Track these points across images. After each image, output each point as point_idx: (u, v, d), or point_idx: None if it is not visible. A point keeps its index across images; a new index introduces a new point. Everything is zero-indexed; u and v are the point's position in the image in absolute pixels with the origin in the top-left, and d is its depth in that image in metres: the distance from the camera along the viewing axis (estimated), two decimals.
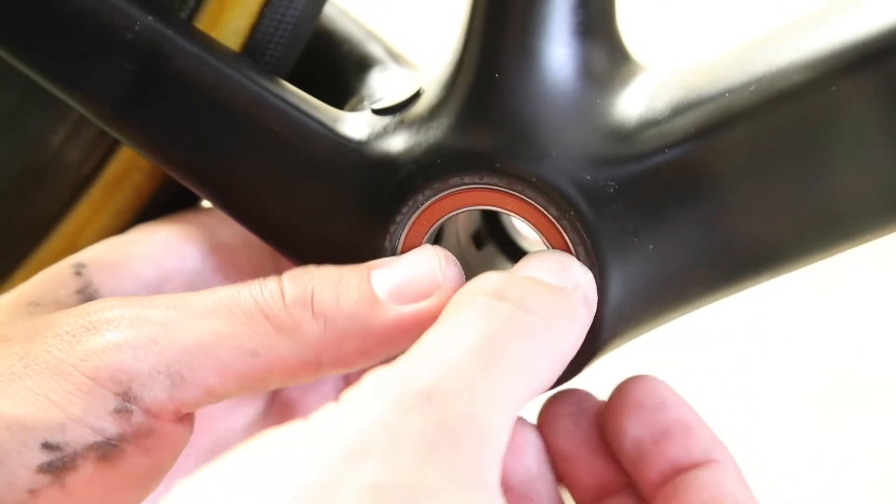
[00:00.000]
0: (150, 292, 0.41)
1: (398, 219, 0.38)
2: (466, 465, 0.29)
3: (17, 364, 0.36)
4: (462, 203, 0.38)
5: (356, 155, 0.39)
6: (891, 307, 0.99)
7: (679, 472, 0.38)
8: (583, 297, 0.36)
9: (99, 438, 0.36)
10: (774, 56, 0.36)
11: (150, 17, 0.39)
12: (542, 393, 0.34)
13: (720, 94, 0.36)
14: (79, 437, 0.35)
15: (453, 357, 0.31)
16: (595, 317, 0.37)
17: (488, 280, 0.35)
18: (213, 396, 0.37)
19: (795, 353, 0.95)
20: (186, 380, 0.36)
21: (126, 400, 0.36)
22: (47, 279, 0.40)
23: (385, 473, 0.27)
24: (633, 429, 0.39)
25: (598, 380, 0.41)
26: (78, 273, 0.40)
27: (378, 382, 0.30)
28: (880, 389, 0.91)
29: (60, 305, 0.39)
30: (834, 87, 0.35)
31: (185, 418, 0.37)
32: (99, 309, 0.37)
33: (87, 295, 0.39)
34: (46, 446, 0.35)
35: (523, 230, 0.45)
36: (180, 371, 0.36)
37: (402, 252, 0.39)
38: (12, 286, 0.42)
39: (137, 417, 0.36)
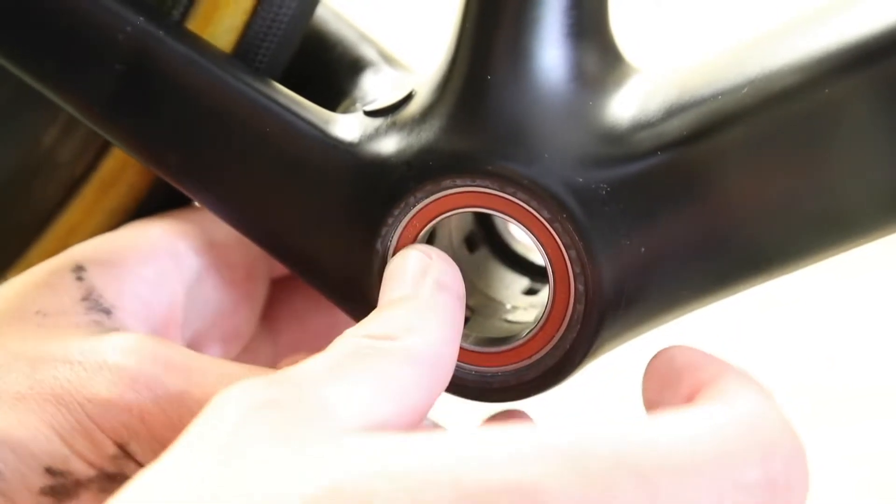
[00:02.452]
0: (150, 291, 0.41)
1: (390, 221, 0.38)
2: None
3: (22, 383, 0.36)
4: (454, 205, 0.38)
5: (348, 157, 0.39)
6: (860, 315, 0.99)
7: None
8: (435, 285, 0.35)
9: (99, 473, 0.36)
10: (768, 58, 0.36)
11: (142, 19, 0.39)
12: (428, 401, 0.33)
13: (713, 97, 0.36)
14: (81, 469, 0.36)
15: (307, 368, 0.31)
16: (588, 318, 0.37)
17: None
18: None
19: (767, 363, 0.95)
20: None
21: (124, 453, 0.36)
22: (48, 285, 0.40)
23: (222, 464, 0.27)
24: (656, 377, 0.35)
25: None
26: (79, 278, 0.40)
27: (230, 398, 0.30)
28: (854, 397, 0.91)
29: (67, 315, 0.39)
30: (827, 90, 0.35)
31: None
32: (116, 349, 0.37)
33: (91, 302, 0.39)
34: (50, 471, 0.35)
35: (516, 232, 0.45)
36: None
37: (395, 254, 0.39)
38: None
39: (133, 467, 0.36)
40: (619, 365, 0.42)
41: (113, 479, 0.36)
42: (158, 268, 0.41)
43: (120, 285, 0.40)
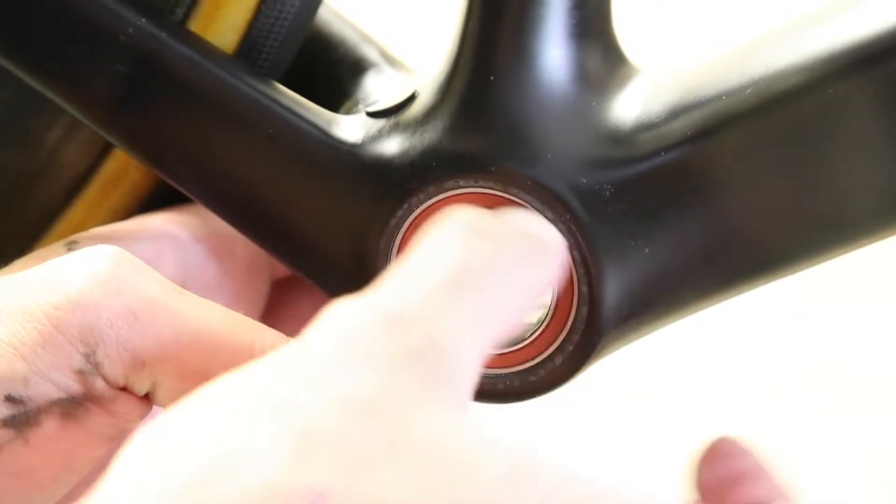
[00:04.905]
0: None
1: (393, 222, 0.38)
2: (434, 381, 0.28)
3: None
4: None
5: (351, 158, 0.39)
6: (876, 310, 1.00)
7: None
8: (557, 250, 0.34)
9: (63, 395, 0.34)
10: (771, 58, 0.36)
11: (144, 20, 0.39)
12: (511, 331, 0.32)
13: (717, 97, 0.36)
14: (42, 392, 0.34)
15: (427, 285, 0.29)
16: (592, 319, 0.37)
17: (469, 214, 0.32)
18: (159, 391, 0.36)
19: (786, 353, 0.95)
20: (146, 369, 0.35)
21: (91, 364, 0.35)
22: (38, 257, 0.39)
23: (352, 386, 0.27)
24: (718, 469, 0.42)
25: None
26: (70, 249, 0.39)
27: (344, 310, 0.29)
28: (873, 389, 0.91)
29: None
30: (831, 90, 0.35)
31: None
32: (89, 254, 0.36)
33: None
34: (9, 399, 0.34)
35: None
36: (144, 360, 0.35)
37: (398, 256, 0.39)
38: None
39: (100, 385, 0.35)
40: (626, 366, 0.42)
41: (77, 403, 0.35)
42: (156, 247, 0.41)
43: None
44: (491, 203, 0.37)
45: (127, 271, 0.35)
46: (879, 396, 0.92)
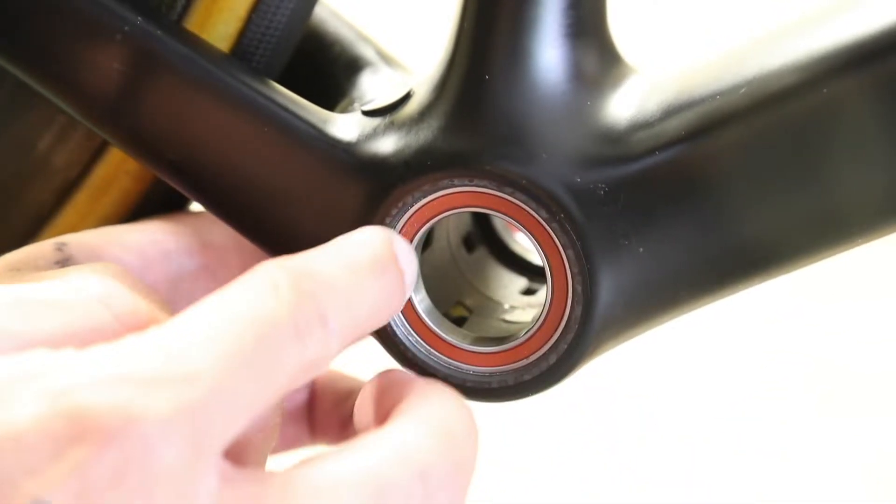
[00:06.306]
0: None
1: (388, 221, 0.38)
2: None
3: None
4: (452, 205, 0.38)
5: (346, 156, 0.39)
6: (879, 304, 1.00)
7: None
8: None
9: None
10: (766, 58, 0.36)
11: (140, 19, 0.39)
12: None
13: (711, 97, 0.36)
14: None
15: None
16: (586, 318, 0.37)
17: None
18: None
19: (781, 352, 0.95)
20: None
21: None
22: (27, 254, 0.39)
23: None
24: (354, 418, 0.39)
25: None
26: (59, 249, 0.39)
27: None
28: (869, 388, 0.91)
29: (40, 270, 0.38)
30: (825, 90, 0.35)
31: None
32: (90, 273, 0.36)
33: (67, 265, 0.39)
34: None
35: (514, 233, 0.45)
36: None
37: None
38: None
39: None
40: (627, 364, 0.42)
41: None
42: (144, 258, 0.41)
43: (100, 260, 0.40)
44: (486, 202, 0.37)
45: (134, 287, 0.36)
46: (874, 394, 0.92)
